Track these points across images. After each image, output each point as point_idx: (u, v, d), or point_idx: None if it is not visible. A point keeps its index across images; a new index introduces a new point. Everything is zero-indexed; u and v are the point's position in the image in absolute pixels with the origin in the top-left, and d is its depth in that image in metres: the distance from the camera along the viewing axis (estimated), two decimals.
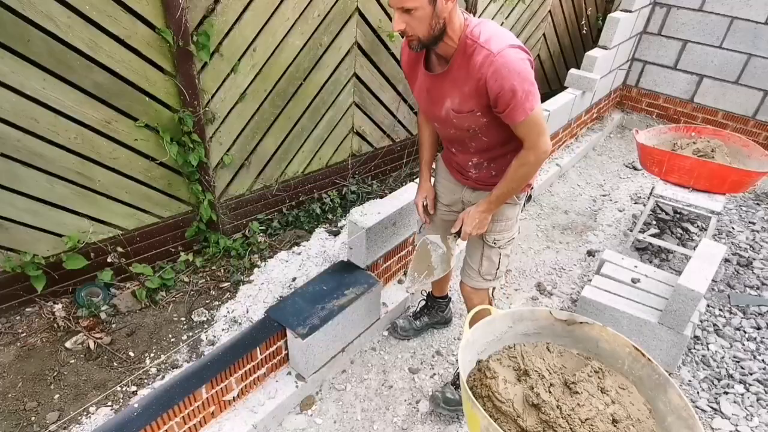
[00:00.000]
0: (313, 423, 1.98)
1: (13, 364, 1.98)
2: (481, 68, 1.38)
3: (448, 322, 2.46)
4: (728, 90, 4.32)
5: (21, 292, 2.13)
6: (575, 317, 1.54)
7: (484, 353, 1.53)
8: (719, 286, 2.84)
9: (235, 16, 2.24)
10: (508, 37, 1.40)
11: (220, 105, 2.38)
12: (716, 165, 2.79)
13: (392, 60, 3.08)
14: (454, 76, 1.47)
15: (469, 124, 1.53)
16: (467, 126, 1.55)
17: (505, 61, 1.35)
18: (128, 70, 2.03)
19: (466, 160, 1.71)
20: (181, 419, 1.68)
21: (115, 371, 2.03)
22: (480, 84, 1.40)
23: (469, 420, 1.36)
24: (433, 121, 1.68)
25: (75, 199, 2.12)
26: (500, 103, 1.40)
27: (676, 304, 2.11)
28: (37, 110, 1.89)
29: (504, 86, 1.36)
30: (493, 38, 1.38)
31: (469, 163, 1.71)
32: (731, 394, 2.21)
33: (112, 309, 2.28)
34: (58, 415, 1.85)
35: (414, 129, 3.56)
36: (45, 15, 1.76)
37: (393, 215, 2.23)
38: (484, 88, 1.40)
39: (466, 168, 1.74)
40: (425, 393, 2.14)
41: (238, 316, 2.30)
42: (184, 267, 2.53)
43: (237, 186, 2.67)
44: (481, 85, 1.40)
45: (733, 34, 4.15)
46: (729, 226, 3.41)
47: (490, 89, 1.39)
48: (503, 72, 1.35)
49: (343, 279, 2.17)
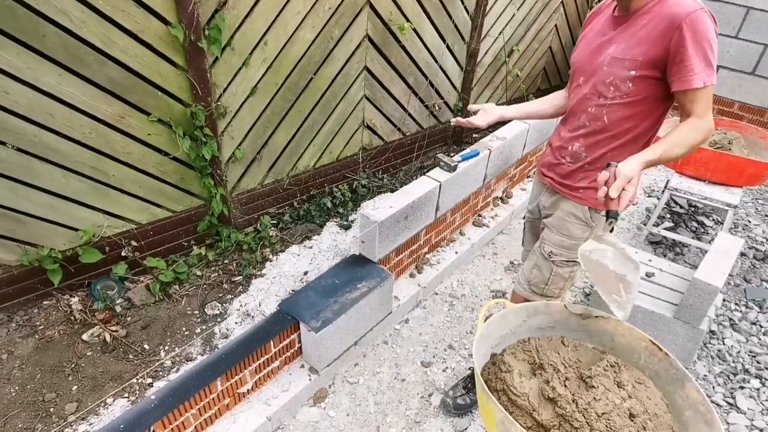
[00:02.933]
0: (326, 416, 2.00)
1: (32, 356, 2.02)
2: (685, 13, 1.31)
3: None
4: (744, 81, 4.24)
5: (38, 286, 2.16)
6: (590, 311, 1.53)
7: (498, 347, 1.52)
8: (735, 280, 2.80)
9: (246, 9, 2.23)
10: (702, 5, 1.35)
11: (232, 99, 2.38)
12: (733, 157, 2.75)
13: (403, 53, 3.06)
14: (641, 18, 1.40)
15: (616, 77, 1.44)
16: (612, 79, 1.45)
17: (707, 20, 1.31)
18: (141, 65, 2.04)
19: (570, 140, 1.62)
20: (196, 411, 1.69)
21: (131, 363, 2.06)
22: (674, 27, 1.32)
23: (483, 413, 1.35)
24: (581, 75, 1.56)
25: (90, 194, 2.14)
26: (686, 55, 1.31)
27: (692, 299, 2.08)
28: (53, 105, 1.90)
29: (698, 44, 1.30)
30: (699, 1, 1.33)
31: (569, 148, 1.62)
32: (747, 389, 2.19)
33: (127, 302, 2.30)
34: (77, 406, 1.88)
35: (424, 122, 3.54)
36: (59, 10, 1.77)
37: (405, 209, 2.23)
38: (673, 33, 1.32)
39: (563, 152, 1.64)
40: (438, 386, 2.14)
41: (251, 310, 2.31)
42: (196, 261, 2.55)
43: (248, 180, 2.68)
44: (673, 28, 1.32)
45: (750, 23, 4.07)
46: (745, 219, 3.36)
47: (681, 38, 1.31)
48: (702, 29, 1.30)
49: (355, 273, 2.17)
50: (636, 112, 1.47)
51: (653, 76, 1.40)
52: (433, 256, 2.75)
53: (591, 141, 1.57)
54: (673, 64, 1.35)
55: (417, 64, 3.18)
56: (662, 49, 1.35)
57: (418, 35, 3.08)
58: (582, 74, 1.57)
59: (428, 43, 3.17)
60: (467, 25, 3.39)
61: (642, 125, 1.50)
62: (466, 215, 2.96)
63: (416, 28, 3.03)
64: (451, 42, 3.34)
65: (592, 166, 1.59)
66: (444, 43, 3.29)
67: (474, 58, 3.56)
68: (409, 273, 2.61)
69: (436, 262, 2.72)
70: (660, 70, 1.39)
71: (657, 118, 1.51)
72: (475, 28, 3.43)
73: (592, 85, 1.52)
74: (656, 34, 1.36)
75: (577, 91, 1.60)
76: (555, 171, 1.69)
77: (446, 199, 2.54)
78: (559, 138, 1.68)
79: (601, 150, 1.56)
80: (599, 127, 1.54)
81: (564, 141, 1.65)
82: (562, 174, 1.67)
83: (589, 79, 1.54)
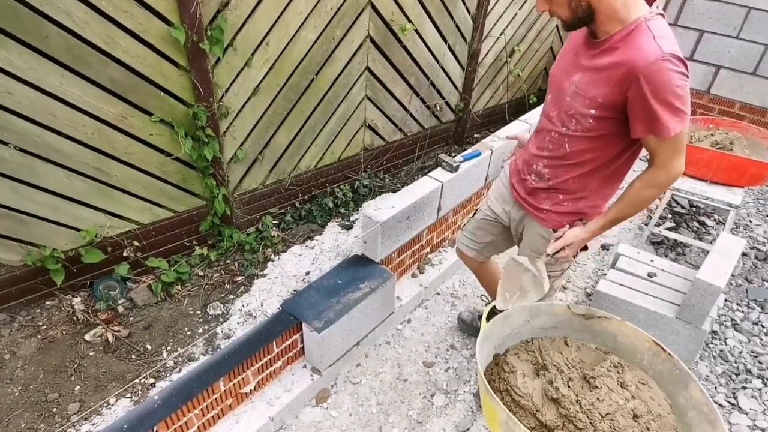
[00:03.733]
0: (328, 416, 2.00)
1: (35, 356, 2.02)
2: (642, 60, 1.22)
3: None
4: (745, 81, 4.24)
5: (41, 286, 2.16)
6: (594, 311, 1.53)
7: (501, 347, 1.53)
8: (737, 280, 2.80)
9: (249, 10, 2.23)
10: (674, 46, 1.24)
11: (234, 99, 2.38)
12: (735, 157, 2.75)
13: (404, 53, 3.06)
14: (607, 54, 1.32)
15: (576, 110, 1.39)
16: (573, 113, 1.41)
17: (668, 69, 1.21)
18: (143, 65, 2.04)
19: (535, 159, 1.59)
20: (199, 411, 1.69)
21: (134, 364, 2.06)
22: (628, 75, 1.25)
23: (487, 414, 1.36)
24: (552, 92, 1.52)
25: (92, 194, 2.14)
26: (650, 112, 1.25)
27: (695, 299, 2.08)
28: (56, 106, 1.90)
29: (660, 97, 1.22)
30: (668, 40, 1.23)
31: (534, 166, 1.59)
32: (749, 389, 2.19)
33: (129, 302, 2.30)
34: (79, 406, 1.88)
35: (425, 123, 3.54)
36: (62, 11, 1.77)
37: (407, 209, 2.23)
38: (628, 86, 1.25)
39: (529, 168, 1.62)
40: (440, 387, 2.15)
41: (253, 310, 2.31)
42: (198, 261, 2.55)
43: (250, 180, 2.68)
44: (628, 77, 1.25)
45: (751, 23, 4.06)
46: (746, 219, 3.36)
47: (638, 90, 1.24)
48: (663, 81, 1.21)
49: (357, 273, 2.17)
50: (598, 145, 1.42)
51: (614, 117, 1.34)
52: (434, 256, 2.75)
53: (554, 164, 1.54)
54: (636, 112, 1.29)
55: (418, 65, 3.18)
56: (621, 95, 1.29)
57: (419, 35, 3.08)
58: (552, 93, 1.53)
59: (430, 43, 3.17)
60: (469, 25, 3.39)
61: (605, 157, 1.45)
62: (467, 215, 2.96)
63: (418, 29, 3.03)
64: (453, 42, 3.34)
65: (557, 190, 1.56)
66: (445, 44, 3.29)
67: (475, 59, 3.56)
68: (411, 273, 2.61)
69: (438, 262, 2.72)
70: (621, 112, 1.33)
71: (622, 150, 1.44)
72: (477, 28, 3.43)
73: (557, 111, 1.48)
74: (616, 78, 1.28)
75: (547, 107, 1.56)
76: (522, 185, 1.67)
77: (448, 200, 2.55)
78: (528, 151, 1.66)
79: (564, 176, 1.53)
80: (561, 154, 1.50)
81: (530, 157, 1.63)
82: (526, 190, 1.65)
83: (555, 101, 1.50)
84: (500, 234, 1.89)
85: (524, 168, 1.66)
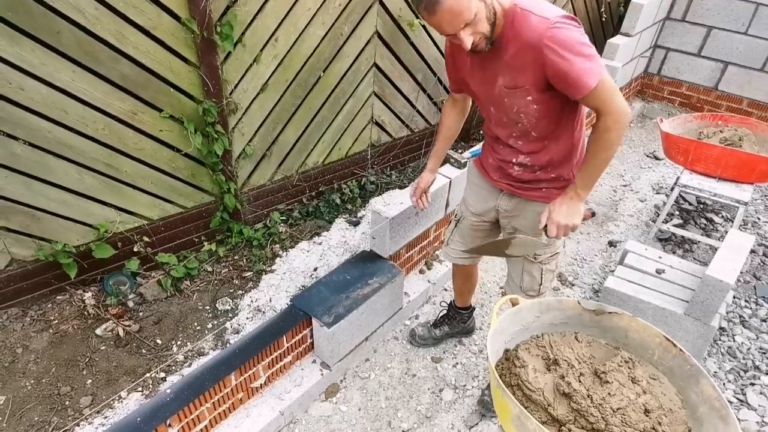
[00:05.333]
0: (338, 410, 2.01)
1: (47, 350, 2.04)
2: (539, 37, 1.29)
3: (470, 332, 2.38)
4: (753, 77, 4.22)
5: (52, 281, 2.18)
6: (604, 307, 1.53)
7: (511, 342, 1.53)
8: (745, 277, 2.80)
9: (258, 6, 2.24)
10: (555, 7, 1.34)
11: (243, 96, 2.39)
12: (745, 154, 2.73)
13: (412, 49, 3.06)
14: (505, 49, 1.39)
15: (519, 106, 1.46)
16: (517, 109, 1.47)
17: (562, 31, 1.28)
18: (153, 61, 2.04)
19: (510, 156, 1.63)
20: (211, 405, 1.71)
21: (144, 358, 2.08)
22: (537, 53, 1.31)
23: (498, 408, 1.36)
24: (489, 105, 1.57)
25: (103, 190, 2.16)
26: (562, 73, 1.31)
27: (704, 295, 2.08)
28: (67, 102, 1.91)
29: (566, 56, 1.28)
30: (544, 7, 1.31)
31: (513, 160, 1.63)
32: (758, 386, 2.19)
33: (139, 297, 2.32)
34: (91, 399, 1.90)
35: (432, 119, 3.54)
36: (74, 7, 1.78)
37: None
38: (541, 59, 1.32)
39: (507, 166, 1.66)
40: (448, 382, 2.15)
41: (262, 305, 2.33)
42: (207, 257, 2.56)
43: (258, 176, 2.69)
44: (537, 55, 1.32)
45: (759, 20, 4.04)
46: (754, 216, 3.35)
47: (550, 61, 1.31)
48: (561, 41, 1.28)
49: (366, 269, 2.18)
50: (552, 116, 1.48)
51: (549, 92, 1.40)
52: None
53: (531, 152, 1.58)
54: (558, 81, 1.35)
55: (426, 61, 3.18)
56: (540, 73, 1.35)
57: (426, 31, 3.07)
58: (492, 104, 1.56)
59: (437, 39, 3.16)
60: None
61: (570, 120, 1.52)
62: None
63: (425, 24, 3.03)
64: None
65: (545, 172, 1.61)
66: None
67: None
68: (418, 269, 2.62)
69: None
70: (551, 87, 1.39)
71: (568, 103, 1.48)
72: None
73: (504, 114, 1.53)
74: (528, 61, 1.35)
75: (493, 117, 1.60)
76: (508, 178, 1.68)
77: (456, 195, 2.55)
78: (497, 152, 1.68)
79: (546, 157, 1.58)
80: (532, 139, 1.56)
81: (505, 155, 1.65)
82: (518, 179, 1.66)
83: (499, 108, 1.54)
84: (489, 232, 1.91)
85: (502, 164, 1.68)
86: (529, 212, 1.70)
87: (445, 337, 2.33)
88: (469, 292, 2.24)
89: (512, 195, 1.71)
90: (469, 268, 2.09)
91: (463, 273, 2.12)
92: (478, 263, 2.10)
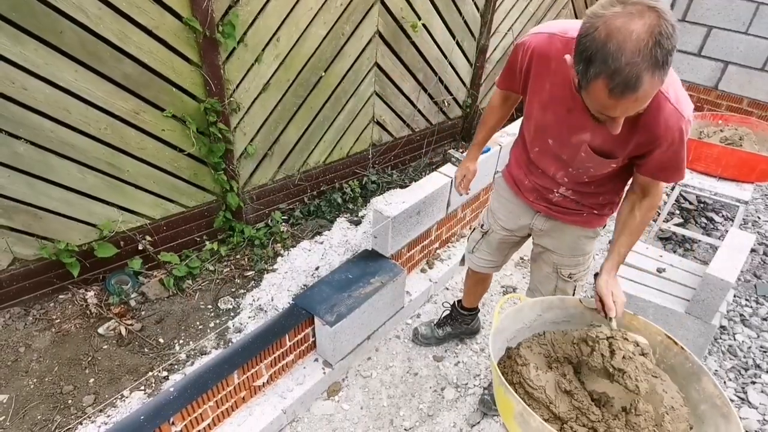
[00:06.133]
0: (340, 408, 2.02)
1: (49, 349, 2.04)
2: (667, 129, 1.24)
3: (474, 333, 2.37)
4: (754, 77, 4.22)
5: (54, 280, 2.18)
6: None
7: (513, 341, 1.53)
8: (746, 275, 2.80)
9: (260, 5, 2.24)
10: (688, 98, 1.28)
11: (244, 95, 2.39)
12: (746, 153, 2.74)
13: (413, 49, 3.06)
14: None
15: (595, 164, 1.41)
16: (591, 165, 1.42)
17: (684, 132, 1.26)
18: (155, 61, 2.05)
19: (552, 185, 1.59)
20: (214, 403, 1.72)
21: (146, 357, 2.08)
22: (654, 139, 1.27)
23: (501, 406, 1.37)
24: (551, 139, 1.46)
25: (105, 189, 2.16)
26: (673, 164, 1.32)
27: (705, 294, 2.09)
28: (69, 101, 1.92)
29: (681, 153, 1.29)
30: (682, 100, 1.24)
31: (555, 190, 1.59)
32: (758, 384, 2.20)
33: (141, 297, 2.32)
34: (94, 398, 1.90)
35: (433, 119, 3.54)
36: (77, 6, 1.78)
37: (417, 204, 2.24)
38: (655, 145, 1.28)
39: (547, 192, 1.62)
40: (450, 381, 2.16)
41: (264, 304, 2.33)
42: (209, 256, 2.57)
43: (260, 176, 2.70)
44: (654, 140, 1.27)
45: (759, 19, 4.04)
46: (755, 215, 3.36)
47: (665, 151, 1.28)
48: (684, 139, 1.27)
49: (367, 267, 2.19)
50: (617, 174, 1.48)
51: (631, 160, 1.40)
52: (443, 251, 2.77)
53: (578, 190, 1.57)
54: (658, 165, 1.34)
55: (427, 61, 3.19)
56: (644, 152, 1.33)
57: (428, 31, 3.08)
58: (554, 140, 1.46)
59: (438, 39, 3.17)
60: (477, 21, 3.39)
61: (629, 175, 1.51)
62: (476, 211, 2.97)
63: (426, 24, 3.03)
64: (461, 38, 3.34)
65: (588, 201, 1.60)
66: (454, 39, 3.29)
67: (483, 54, 3.56)
68: (420, 268, 2.62)
69: (447, 257, 2.73)
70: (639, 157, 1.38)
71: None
72: (485, 24, 3.42)
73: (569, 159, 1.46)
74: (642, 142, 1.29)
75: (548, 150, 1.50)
76: (547, 201, 1.64)
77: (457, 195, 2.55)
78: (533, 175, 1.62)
79: (591, 199, 1.59)
80: (583, 183, 1.53)
81: (545, 183, 1.60)
82: (558, 204, 1.63)
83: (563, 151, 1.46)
84: (517, 245, 1.91)
85: (539, 187, 1.63)
86: (567, 235, 1.68)
87: (448, 337, 2.33)
88: (479, 295, 2.22)
89: (548, 217, 1.67)
90: (487, 275, 2.08)
91: (479, 277, 2.08)
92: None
